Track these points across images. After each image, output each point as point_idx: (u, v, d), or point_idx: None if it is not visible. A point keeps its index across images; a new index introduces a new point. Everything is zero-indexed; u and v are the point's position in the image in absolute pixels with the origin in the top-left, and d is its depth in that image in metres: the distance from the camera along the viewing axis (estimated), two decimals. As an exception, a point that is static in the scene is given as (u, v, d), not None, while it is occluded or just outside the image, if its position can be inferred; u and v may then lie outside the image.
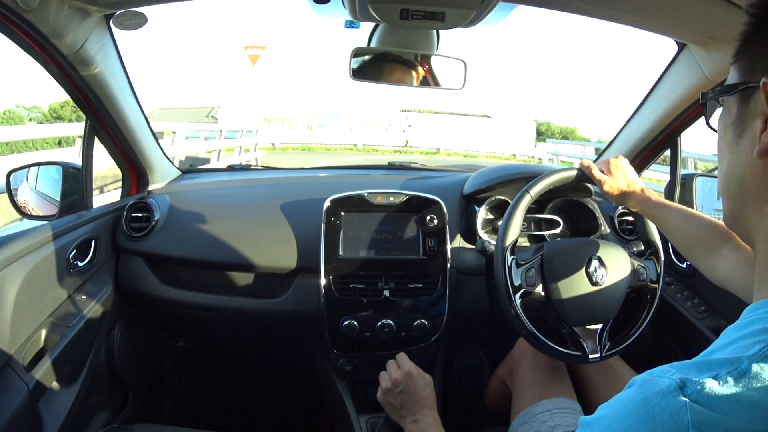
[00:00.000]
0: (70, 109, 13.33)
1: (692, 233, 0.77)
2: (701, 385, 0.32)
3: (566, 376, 1.00)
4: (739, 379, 0.32)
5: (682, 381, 0.33)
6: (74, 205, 1.10)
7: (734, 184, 0.43)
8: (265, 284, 1.18)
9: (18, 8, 0.71)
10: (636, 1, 0.84)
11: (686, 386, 0.33)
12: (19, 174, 1.11)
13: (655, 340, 1.20)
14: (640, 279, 0.94)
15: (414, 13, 0.83)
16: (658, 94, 1.16)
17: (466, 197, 1.23)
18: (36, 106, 14.25)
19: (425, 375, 0.86)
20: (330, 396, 1.21)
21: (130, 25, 0.97)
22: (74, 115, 13.19)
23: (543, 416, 0.87)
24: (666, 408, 0.33)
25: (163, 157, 1.33)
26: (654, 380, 0.35)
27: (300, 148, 15.25)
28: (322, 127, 16.99)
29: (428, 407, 0.83)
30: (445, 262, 1.11)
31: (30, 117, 13.85)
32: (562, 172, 0.95)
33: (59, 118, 13.60)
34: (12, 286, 0.81)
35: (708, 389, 0.32)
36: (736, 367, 0.32)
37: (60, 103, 13.54)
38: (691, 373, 0.34)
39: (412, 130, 17.05)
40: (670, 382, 0.33)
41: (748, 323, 0.37)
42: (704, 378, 0.33)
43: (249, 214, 1.20)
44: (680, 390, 0.33)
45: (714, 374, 0.33)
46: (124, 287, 1.15)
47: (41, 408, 0.85)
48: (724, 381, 0.32)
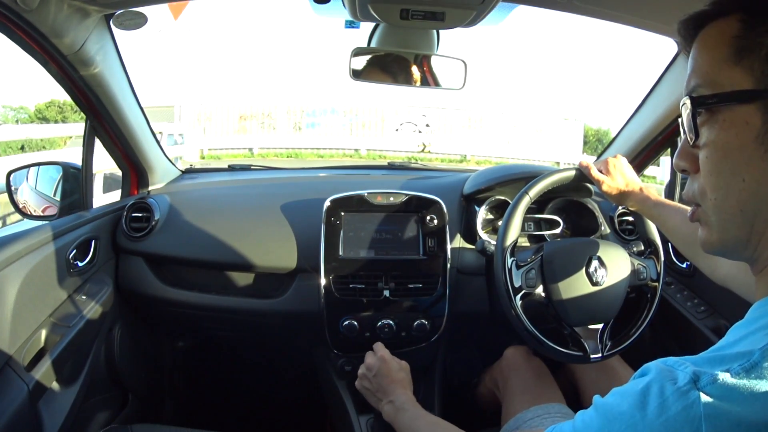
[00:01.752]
0: (56, 110, 13.09)
1: (693, 233, 0.77)
2: (714, 378, 0.33)
3: (554, 384, 1.01)
4: (752, 371, 0.32)
5: (695, 374, 0.33)
6: (74, 205, 1.10)
7: (761, 204, 0.38)
8: (265, 284, 1.18)
9: (18, 8, 0.71)
10: (636, 1, 0.84)
11: (700, 379, 0.33)
12: (19, 174, 1.11)
13: (655, 340, 1.20)
14: (641, 278, 0.94)
15: (414, 13, 0.83)
16: (658, 94, 1.17)
17: (466, 197, 1.23)
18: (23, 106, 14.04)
19: (401, 361, 0.88)
20: (330, 396, 1.21)
21: (130, 25, 0.97)
22: (60, 116, 12.94)
23: (534, 422, 0.87)
24: (679, 400, 0.33)
25: (163, 157, 1.33)
26: (670, 371, 0.35)
27: (284, 154, 12.02)
28: (314, 127, 12.98)
29: (402, 387, 0.85)
30: (445, 262, 1.11)
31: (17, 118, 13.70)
32: (561, 173, 0.95)
33: (44, 119, 13.33)
34: (12, 286, 0.80)
35: (721, 382, 0.32)
36: (748, 360, 0.33)
37: (45, 103, 13.31)
38: (704, 367, 0.34)
39: (431, 131, 13.02)
40: (685, 374, 0.34)
41: (756, 318, 0.37)
42: (717, 371, 0.33)
43: (249, 214, 1.20)
44: (694, 383, 0.33)
45: (726, 368, 0.33)
46: (124, 287, 1.15)
47: (41, 408, 0.84)
48: (736, 373, 0.32)
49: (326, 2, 0.93)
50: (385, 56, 1.12)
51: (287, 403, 1.53)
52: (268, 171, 1.58)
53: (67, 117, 12.55)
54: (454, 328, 1.16)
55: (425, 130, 13.00)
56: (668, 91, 1.12)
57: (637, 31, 0.94)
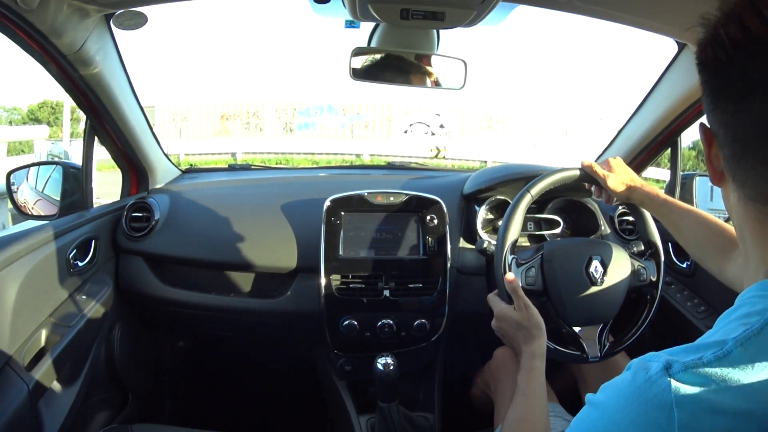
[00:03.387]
0: (48, 111, 12.92)
1: (704, 236, 0.78)
2: (685, 365, 0.34)
3: (546, 382, 1.00)
4: (724, 359, 0.33)
5: (668, 362, 0.34)
6: (74, 205, 1.10)
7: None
8: (266, 284, 1.18)
9: (18, 8, 0.71)
10: (636, 1, 0.84)
11: (671, 367, 0.34)
12: (19, 174, 1.11)
13: (655, 340, 1.20)
14: (641, 279, 0.94)
15: (414, 13, 0.83)
16: (658, 94, 1.17)
17: (466, 197, 1.23)
18: (16, 107, 13.84)
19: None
20: (330, 396, 1.21)
21: (130, 25, 0.97)
22: (52, 116, 12.77)
23: None
24: (651, 388, 0.34)
25: (163, 156, 1.33)
26: (645, 363, 0.36)
27: (273, 160, 10.32)
28: (308, 128, 11.15)
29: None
30: (445, 262, 1.11)
31: (10, 119, 13.56)
32: (564, 172, 0.95)
33: (36, 119, 13.16)
34: (12, 286, 0.80)
35: (692, 369, 0.33)
36: (720, 348, 0.34)
37: (38, 104, 13.15)
38: (678, 356, 0.35)
39: (446, 133, 11.22)
40: (658, 364, 0.35)
41: (735, 309, 0.38)
42: (689, 359, 0.34)
43: (249, 214, 1.20)
44: (665, 371, 0.34)
45: (699, 356, 0.34)
46: (124, 287, 1.15)
47: (41, 408, 0.84)
48: (708, 361, 0.33)
49: (326, 2, 0.93)
50: (385, 56, 1.12)
51: (287, 402, 1.53)
52: (269, 171, 1.58)
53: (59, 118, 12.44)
54: (454, 328, 1.16)
55: (439, 131, 11.19)
56: (669, 91, 1.12)
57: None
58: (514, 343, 0.79)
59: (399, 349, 1.09)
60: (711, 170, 0.44)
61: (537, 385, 0.73)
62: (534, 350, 0.76)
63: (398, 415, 0.96)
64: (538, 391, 0.73)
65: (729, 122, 0.39)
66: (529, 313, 0.78)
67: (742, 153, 0.39)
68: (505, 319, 0.80)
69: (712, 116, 0.41)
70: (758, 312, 0.35)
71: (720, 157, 0.42)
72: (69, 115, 9.15)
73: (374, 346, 1.11)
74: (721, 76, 0.39)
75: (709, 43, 0.39)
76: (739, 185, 0.40)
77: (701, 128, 0.44)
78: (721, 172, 0.42)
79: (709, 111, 0.42)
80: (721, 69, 0.38)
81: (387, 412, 0.95)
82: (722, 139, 0.40)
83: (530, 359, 0.75)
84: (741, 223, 0.42)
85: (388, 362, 0.91)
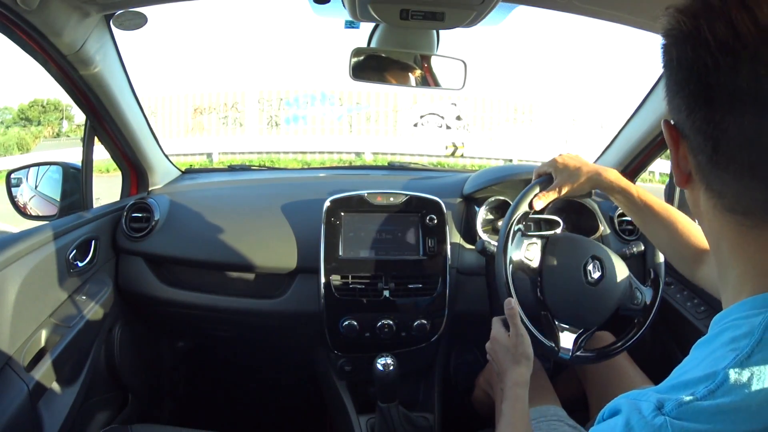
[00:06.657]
0: (39, 110, 12.87)
1: (674, 239, 0.78)
2: (679, 402, 0.33)
3: (549, 384, 1.00)
4: (717, 391, 0.32)
5: (659, 401, 0.34)
6: (74, 205, 1.10)
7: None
8: (265, 284, 1.18)
9: (18, 8, 0.72)
10: (636, 1, 0.84)
11: (664, 406, 0.33)
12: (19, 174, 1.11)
13: (655, 340, 1.20)
14: (634, 302, 0.94)
15: (414, 14, 0.83)
16: (658, 94, 1.16)
17: (466, 197, 1.23)
18: (7, 107, 13.73)
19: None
20: (330, 396, 1.21)
21: (130, 25, 0.97)
22: (42, 116, 12.73)
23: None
24: (646, 427, 0.33)
25: (163, 157, 1.33)
26: (635, 403, 0.35)
27: (255, 161, 8.24)
28: (297, 122, 8.97)
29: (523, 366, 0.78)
30: (445, 262, 1.11)
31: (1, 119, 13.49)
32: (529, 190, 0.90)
33: (27, 119, 13.09)
34: (12, 286, 0.80)
35: (686, 405, 0.33)
36: (712, 381, 0.33)
37: (28, 104, 13.07)
38: (667, 393, 0.34)
39: (464, 126, 9.10)
40: (648, 404, 0.34)
41: (716, 335, 0.36)
42: (681, 396, 0.33)
43: (249, 214, 1.20)
44: (659, 410, 0.33)
45: (691, 392, 0.33)
46: (124, 287, 1.15)
47: (41, 408, 0.84)
48: (702, 396, 0.32)
49: (326, 2, 0.93)
50: (385, 56, 1.12)
51: (287, 403, 1.53)
52: (269, 171, 1.59)
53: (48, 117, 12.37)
54: (454, 328, 1.16)
55: (455, 124, 9.05)
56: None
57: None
58: (500, 366, 0.79)
59: (399, 349, 1.09)
60: (677, 172, 0.39)
61: (521, 414, 0.73)
62: (517, 378, 0.75)
63: (398, 416, 0.96)
64: (523, 418, 0.73)
65: (709, 131, 0.35)
66: (519, 341, 0.78)
67: (726, 164, 0.35)
68: (498, 341, 0.80)
69: (686, 120, 0.36)
70: (744, 335, 0.34)
71: (689, 161, 0.38)
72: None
73: (374, 347, 1.11)
74: (703, 82, 0.34)
75: (690, 40, 0.34)
76: (716, 194, 0.37)
77: (666, 126, 0.39)
78: (688, 175, 0.39)
79: (678, 111, 0.37)
80: (706, 74, 0.34)
81: (387, 412, 0.95)
82: (697, 145, 0.36)
83: (513, 387, 0.75)
84: (717, 233, 0.39)
85: (388, 362, 0.91)
